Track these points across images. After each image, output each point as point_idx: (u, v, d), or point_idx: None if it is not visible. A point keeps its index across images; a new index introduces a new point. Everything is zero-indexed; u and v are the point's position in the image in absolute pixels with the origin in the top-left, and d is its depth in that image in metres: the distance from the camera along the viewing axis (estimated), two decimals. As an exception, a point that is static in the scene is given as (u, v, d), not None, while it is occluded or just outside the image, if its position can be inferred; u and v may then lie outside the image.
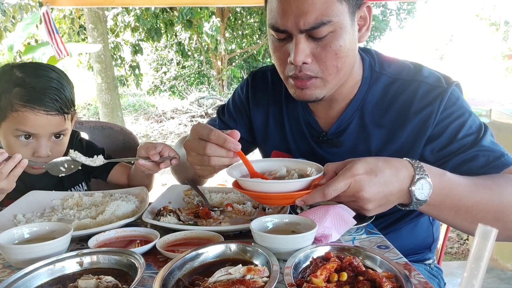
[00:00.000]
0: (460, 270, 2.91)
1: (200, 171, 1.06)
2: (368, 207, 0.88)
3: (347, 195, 0.87)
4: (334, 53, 1.04)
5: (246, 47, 12.70)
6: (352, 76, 1.17)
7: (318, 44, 1.04)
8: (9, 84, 1.28)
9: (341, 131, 1.21)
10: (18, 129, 1.28)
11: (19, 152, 1.20)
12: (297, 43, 1.03)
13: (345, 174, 0.86)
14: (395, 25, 16.32)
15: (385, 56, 1.24)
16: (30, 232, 0.96)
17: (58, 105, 1.30)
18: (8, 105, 1.27)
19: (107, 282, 0.74)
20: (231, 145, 0.97)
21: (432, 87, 1.12)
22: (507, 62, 16.19)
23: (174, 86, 12.89)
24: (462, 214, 0.95)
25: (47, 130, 1.31)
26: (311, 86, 1.09)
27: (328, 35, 1.02)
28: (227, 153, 0.99)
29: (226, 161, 1.00)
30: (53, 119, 1.31)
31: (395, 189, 0.88)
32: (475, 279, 0.47)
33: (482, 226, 0.48)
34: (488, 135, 1.08)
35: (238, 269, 0.74)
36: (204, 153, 0.99)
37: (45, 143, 1.31)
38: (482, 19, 18.00)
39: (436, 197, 0.91)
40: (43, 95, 1.28)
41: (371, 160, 0.89)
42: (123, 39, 11.15)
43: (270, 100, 1.36)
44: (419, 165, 0.90)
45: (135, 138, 1.88)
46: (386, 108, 1.16)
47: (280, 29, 1.04)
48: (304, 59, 1.03)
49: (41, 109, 1.27)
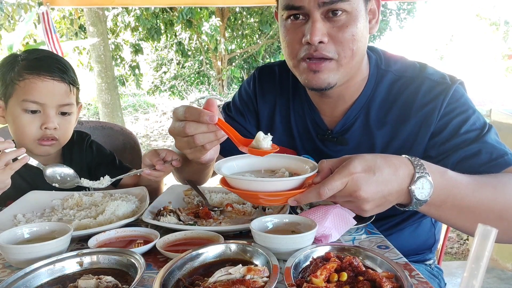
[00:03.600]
0: (460, 270, 2.91)
1: (191, 155, 1.01)
2: (366, 208, 0.84)
3: (344, 194, 0.82)
4: (351, 34, 1.05)
5: (246, 47, 12.69)
6: (361, 71, 1.17)
7: (335, 25, 1.05)
8: (14, 63, 1.34)
9: (347, 129, 1.21)
10: (25, 99, 1.30)
11: (27, 128, 1.30)
12: (314, 21, 1.03)
13: (341, 172, 0.81)
14: (395, 25, 16.31)
15: (391, 54, 1.24)
16: (30, 232, 0.96)
17: (62, 72, 1.35)
18: (15, 76, 1.31)
19: (107, 282, 0.74)
20: (206, 118, 0.89)
21: (436, 83, 1.12)
22: (507, 62, 16.19)
23: (174, 86, 12.89)
24: (465, 214, 0.92)
25: (53, 100, 1.33)
26: (325, 70, 1.08)
27: (344, 15, 1.04)
28: (208, 127, 0.92)
29: (211, 137, 0.93)
30: (59, 87, 1.34)
31: (394, 188, 0.83)
32: (475, 279, 0.47)
33: (482, 226, 0.48)
34: (493, 133, 1.07)
35: (238, 269, 0.74)
36: (185, 134, 0.93)
37: (53, 115, 1.33)
38: (482, 19, 18.00)
39: (437, 196, 0.86)
40: (47, 63, 1.35)
41: (369, 157, 0.83)
42: (123, 39, 11.14)
43: (277, 95, 1.35)
44: (419, 163, 0.85)
45: (135, 138, 1.88)
46: (390, 105, 1.17)
47: (296, 6, 1.04)
48: (321, 38, 1.04)
49: (47, 75, 1.31)
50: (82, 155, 1.51)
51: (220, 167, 0.91)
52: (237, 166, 0.96)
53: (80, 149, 1.51)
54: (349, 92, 1.19)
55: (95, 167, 1.52)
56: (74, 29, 8.49)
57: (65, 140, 1.42)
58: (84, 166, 1.50)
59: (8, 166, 1.08)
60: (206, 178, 1.44)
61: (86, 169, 1.50)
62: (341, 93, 1.18)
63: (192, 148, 0.97)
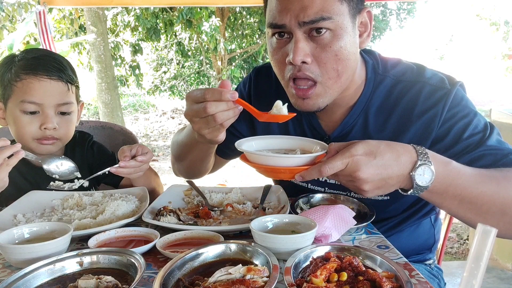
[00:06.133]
0: (460, 270, 2.91)
1: (209, 135, 1.03)
2: (365, 188, 0.90)
3: (345, 174, 0.89)
4: (334, 54, 1.03)
5: (246, 47, 12.69)
6: (354, 81, 1.16)
7: (318, 44, 1.03)
8: (12, 63, 1.34)
9: (345, 134, 1.20)
10: (24, 100, 1.29)
11: (27, 129, 1.30)
12: (297, 41, 1.02)
13: (343, 153, 0.88)
14: (395, 25, 16.30)
15: (388, 58, 1.23)
16: (30, 232, 0.96)
17: (60, 71, 1.34)
18: (13, 77, 1.31)
19: (107, 282, 0.74)
20: (228, 96, 0.95)
21: (436, 88, 1.12)
22: (507, 62, 16.20)
23: (174, 86, 12.88)
24: (466, 204, 0.95)
25: (52, 100, 1.32)
26: (313, 96, 1.08)
27: (328, 34, 1.02)
28: (228, 104, 0.96)
29: (231, 114, 0.98)
30: (57, 86, 1.33)
31: (395, 173, 0.89)
32: (474, 279, 0.47)
33: (482, 226, 0.48)
34: (495, 134, 1.07)
35: (238, 269, 0.74)
36: (206, 113, 0.96)
37: (52, 115, 1.32)
38: (482, 19, 17.99)
39: (438, 184, 0.91)
40: (44, 62, 1.33)
41: (373, 142, 0.90)
42: (123, 39, 11.13)
43: (274, 96, 1.34)
44: (424, 152, 0.90)
45: (135, 138, 1.88)
46: (390, 111, 1.16)
47: (279, 24, 1.03)
48: (304, 58, 1.02)
49: (43, 74, 1.30)
50: (84, 156, 1.51)
51: (241, 145, 1.02)
52: (256, 145, 1.07)
53: (81, 150, 1.51)
54: (345, 100, 1.19)
55: (96, 168, 1.50)
56: (74, 28, 8.48)
57: (67, 139, 1.41)
58: (86, 167, 1.49)
59: (4, 163, 1.07)
60: (207, 167, 1.42)
61: (87, 170, 1.50)
62: (336, 102, 1.17)
63: (211, 127, 1.00)
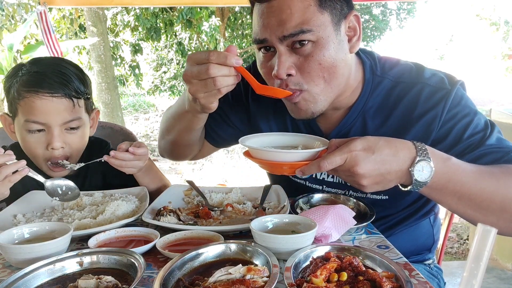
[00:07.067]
0: (460, 270, 2.91)
1: (204, 100, 1.01)
2: (363, 183, 0.91)
3: (343, 169, 0.90)
4: (318, 63, 1.03)
5: (246, 47, 12.68)
6: (349, 85, 1.15)
7: (301, 55, 1.03)
8: (16, 77, 1.26)
9: (343, 136, 1.19)
10: (27, 119, 1.22)
11: (35, 150, 1.25)
12: (279, 55, 1.03)
13: (342, 149, 0.90)
14: (395, 25, 16.28)
15: (386, 59, 1.22)
16: (30, 232, 0.96)
17: (63, 87, 1.24)
18: (16, 95, 1.23)
19: (107, 282, 0.74)
20: (233, 61, 0.94)
21: (436, 89, 1.11)
22: (507, 62, 16.18)
23: (174, 86, 12.87)
24: (466, 200, 0.95)
25: (56, 118, 1.23)
26: (302, 100, 1.08)
27: (310, 45, 1.02)
28: (230, 70, 0.96)
29: (230, 80, 0.97)
30: (60, 104, 1.23)
31: (393, 168, 0.90)
32: (474, 279, 0.48)
33: (482, 226, 0.48)
34: (495, 132, 1.07)
35: (238, 269, 0.74)
36: (207, 75, 0.94)
37: (57, 134, 1.24)
38: (482, 19, 17.98)
39: (437, 180, 0.92)
40: (46, 77, 1.23)
41: (372, 138, 0.91)
42: (123, 39, 11.14)
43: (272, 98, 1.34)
44: (423, 148, 0.91)
45: (135, 138, 1.88)
46: (389, 112, 1.15)
47: (261, 39, 1.04)
48: (287, 71, 1.03)
49: (44, 92, 1.21)
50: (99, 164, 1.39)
51: (245, 141, 1.03)
52: (259, 142, 1.08)
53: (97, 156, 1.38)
54: (342, 103, 1.18)
55: (111, 178, 1.44)
56: (74, 28, 8.49)
57: (78, 153, 1.34)
58: (99, 175, 1.44)
59: (7, 179, 1.05)
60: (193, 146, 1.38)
61: (101, 178, 1.44)
62: (333, 105, 1.16)
63: (208, 92, 0.99)
